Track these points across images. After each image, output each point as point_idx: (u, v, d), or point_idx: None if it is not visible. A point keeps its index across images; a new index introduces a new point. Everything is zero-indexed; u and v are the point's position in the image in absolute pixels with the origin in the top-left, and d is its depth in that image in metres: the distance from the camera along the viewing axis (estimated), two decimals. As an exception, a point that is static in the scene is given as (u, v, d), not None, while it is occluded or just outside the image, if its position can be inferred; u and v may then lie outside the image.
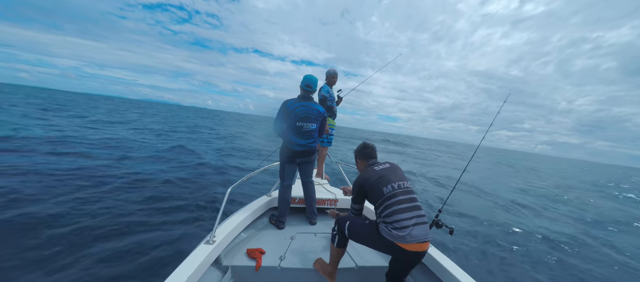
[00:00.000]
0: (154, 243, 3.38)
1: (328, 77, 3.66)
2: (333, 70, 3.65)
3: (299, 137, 2.54)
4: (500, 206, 8.09)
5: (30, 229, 3.29)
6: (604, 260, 4.88)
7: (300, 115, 2.49)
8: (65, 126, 12.45)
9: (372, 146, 2.04)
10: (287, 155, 2.59)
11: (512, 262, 4.24)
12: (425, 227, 1.58)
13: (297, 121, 2.49)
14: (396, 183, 1.70)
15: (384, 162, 1.92)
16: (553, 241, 5.46)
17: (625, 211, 10.13)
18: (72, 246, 3.10)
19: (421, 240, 1.52)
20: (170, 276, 1.51)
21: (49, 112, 18.26)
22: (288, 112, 2.49)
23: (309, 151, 2.63)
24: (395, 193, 1.65)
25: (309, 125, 2.54)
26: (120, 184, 5.26)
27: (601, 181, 23.92)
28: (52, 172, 5.33)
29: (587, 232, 6.50)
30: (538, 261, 4.45)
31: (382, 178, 1.73)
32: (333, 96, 3.67)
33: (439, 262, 1.91)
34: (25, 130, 9.82)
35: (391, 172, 1.79)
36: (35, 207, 3.83)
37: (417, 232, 1.52)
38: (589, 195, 13.60)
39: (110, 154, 7.82)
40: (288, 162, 2.63)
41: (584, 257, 4.90)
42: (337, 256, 1.92)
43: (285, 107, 2.50)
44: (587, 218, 8.02)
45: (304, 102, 2.52)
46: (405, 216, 1.56)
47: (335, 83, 3.71)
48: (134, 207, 4.31)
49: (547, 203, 9.66)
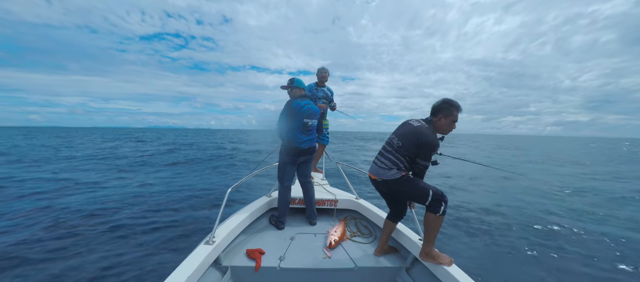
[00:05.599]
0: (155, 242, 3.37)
1: (317, 75, 3.79)
2: (320, 68, 3.75)
3: (304, 134, 2.60)
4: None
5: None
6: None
7: (306, 112, 2.57)
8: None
9: (436, 106, 1.96)
10: (292, 154, 2.59)
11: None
12: (376, 167, 2.05)
13: (304, 118, 2.56)
14: (392, 135, 2.04)
15: (417, 119, 2.03)
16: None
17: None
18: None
19: (372, 173, 2.09)
20: (170, 276, 1.51)
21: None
22: (295, 111, 2.53)
23: (312, 148, 2.69)
24: (387, 141, 2.08)
25: (313, 121, 2.65)
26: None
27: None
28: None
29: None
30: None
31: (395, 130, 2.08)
32: (316, 95, 3.75)
33: (438, 262, 1.91)
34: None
35: (400, 128, 2.03)
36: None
37: (372, 167, 2.10)
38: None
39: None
40: (290, 163, 2.63)
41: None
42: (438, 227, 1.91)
43: (290, 106, 2.54)
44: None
45: (307, 100, 2.63)
46: (376, 157, 2.10)
47: (325, 80, 3.79)
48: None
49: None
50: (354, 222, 2.93)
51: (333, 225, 2.69)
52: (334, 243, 2.33)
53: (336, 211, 3.05)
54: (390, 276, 2.16)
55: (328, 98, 3.83)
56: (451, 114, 1.87)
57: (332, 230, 2.53)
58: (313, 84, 3.79)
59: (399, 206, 2.21)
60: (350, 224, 2.89)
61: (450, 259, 1.91)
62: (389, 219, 2.27)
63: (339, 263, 2.12)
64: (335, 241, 2.35)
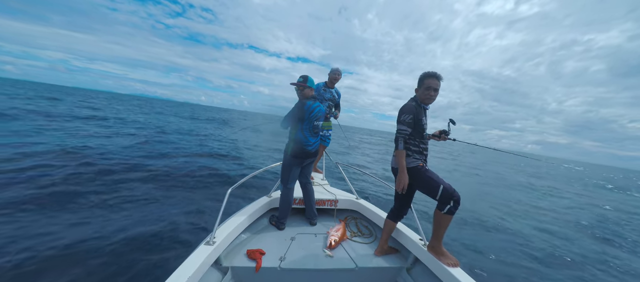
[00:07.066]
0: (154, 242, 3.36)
1: (329, 76, 3.68)
2: (335, 69, 3.65)
3: (313, 136, 2.61)
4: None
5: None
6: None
7: (317, 115, 2.59)
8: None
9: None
10: (300, 156, 2.57)
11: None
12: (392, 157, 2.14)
13: (315, 121, 2.58)
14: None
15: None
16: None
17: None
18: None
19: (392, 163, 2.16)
20: (170, 276, 1.50)
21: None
22: (306, 113, 2.51)
23: (317, 150, 2.72)
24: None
25: (320, 122, 2.68)
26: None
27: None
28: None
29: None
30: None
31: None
32: (323, 96, 3.66)
33: (438, 262, 1.91)
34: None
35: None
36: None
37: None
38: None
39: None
40: (296, 165, 2.61)
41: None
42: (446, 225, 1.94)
43: (302, 109, 2.50)
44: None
45: (317, 103, 2.65)
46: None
47: (336, 82, 3.69)
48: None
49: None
50: (354, 222, 2.93)
51: (333, 225, 2.69)
52: (335, 243, 2.33)
53: (336, 211, 3.05)
54: (390, 276, 2.16)
55: (334, 101, 3.74)
56: (422, 83, 1.99)
57: (332, 230, 2.53)
58: (322, 83, 3.67)
59: (405, 200, 2.16)
60: (351, 224, 2.89)
61: (456, 261, 1.89)
62: (389, 218, 2.26)
63: (340, 263, 2.12)
64: (335, 241, 2.35)
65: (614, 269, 4.45)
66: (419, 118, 1.98)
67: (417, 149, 2.01)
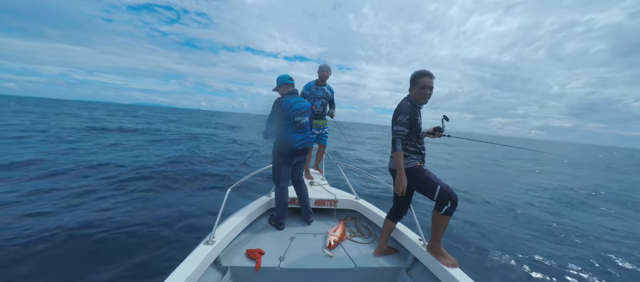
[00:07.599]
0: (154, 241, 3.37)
1: (318, 73, 3.54)
2: (322, 65, 3.49)
3: (298, 133, 2.53)
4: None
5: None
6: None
7: (298, 110, 2.50)
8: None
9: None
10: (286, 155, 2.53)
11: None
12: (390, 158, 2.11)
13: (296, 116, 2.49)
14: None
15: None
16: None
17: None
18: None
19: (389, 164, 2.17)
20: (170, 276, 1.51)
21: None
22: (285, 110, 2.45)
23: (306, 147, 2.65)
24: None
25: (305, 118, 2.58)
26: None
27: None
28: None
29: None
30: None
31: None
32: (315, 94, 3.54)
33: (437, 262, 1.91)
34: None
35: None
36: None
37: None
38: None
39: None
40: (285, 164, 2.56)
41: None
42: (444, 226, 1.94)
43: (280, 106, 2.47)
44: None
45: (296, 97, 2.56)
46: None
47: (326, 78, 3.56)
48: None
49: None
50: (353, 222, 2.93)
51: (333, 225, 2.69)
52: (334, 243, 2.33)
53: (336, 211, 3.05)
54: (390, 276, 2.16)
55: (328, 98, 3.66)
56: (417, 82, 1.98)
57: (331, 230, 2.53)
58: (313, 81, 3.59)
59: (404, 200, 2.15)
60: (350, 224, 2.89)
61: (455, 261, 1.89)
62: (389, 218, 2.26)
63: (339, 263, 2.12)
64: (335, 241, 2.35)
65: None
66: (415, 118, 1.97)
67: (414, 149, 2.00)
